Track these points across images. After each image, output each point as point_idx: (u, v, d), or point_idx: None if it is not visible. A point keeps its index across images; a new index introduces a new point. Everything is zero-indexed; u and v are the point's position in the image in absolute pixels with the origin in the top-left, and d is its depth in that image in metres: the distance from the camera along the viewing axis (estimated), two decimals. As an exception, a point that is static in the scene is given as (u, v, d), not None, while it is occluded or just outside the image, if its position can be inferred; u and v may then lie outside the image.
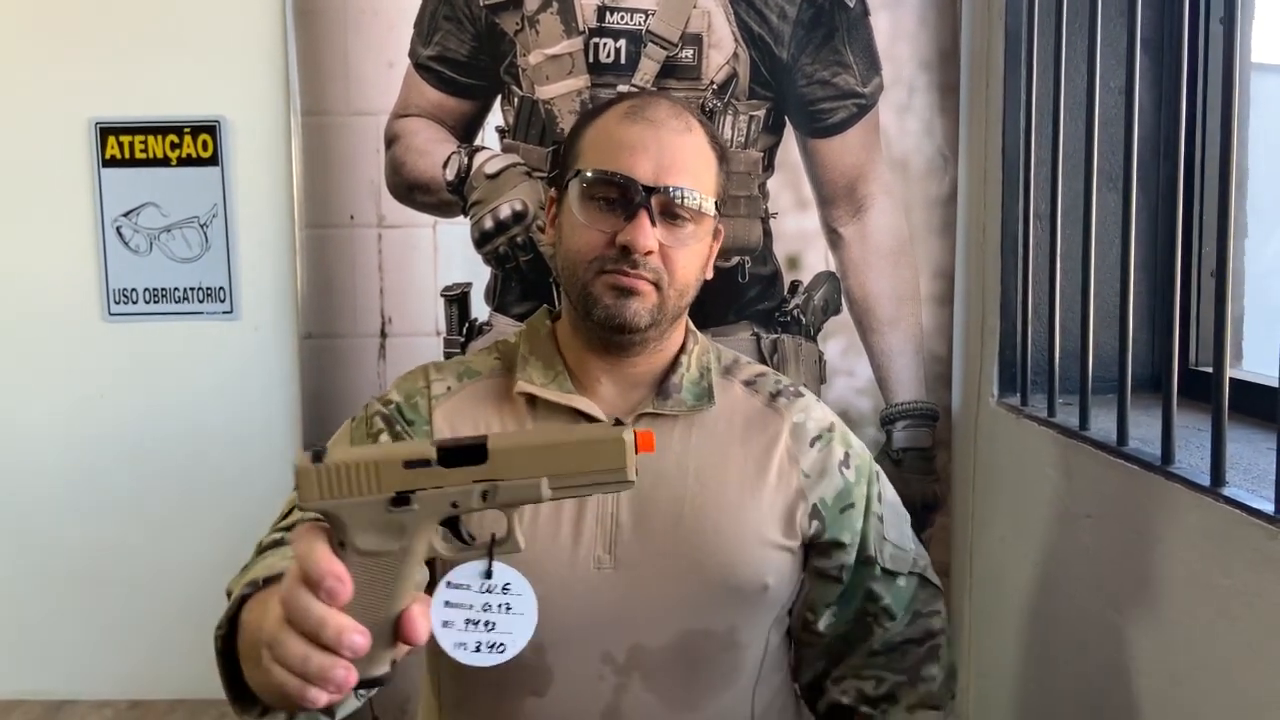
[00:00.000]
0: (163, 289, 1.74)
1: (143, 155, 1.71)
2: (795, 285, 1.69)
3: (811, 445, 1.04)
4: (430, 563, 0.84)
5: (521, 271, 1.69)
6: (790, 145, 1.67)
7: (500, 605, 0.66)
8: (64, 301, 1.76)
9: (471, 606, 0.66)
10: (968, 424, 1.68)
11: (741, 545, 0.97)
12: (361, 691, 0.80)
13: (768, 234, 1.68)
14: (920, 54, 1.66)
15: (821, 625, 1.06)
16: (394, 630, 0.63)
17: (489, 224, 1.67)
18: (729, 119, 1.65)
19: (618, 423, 0.64)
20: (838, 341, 1.70)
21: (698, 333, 1.07)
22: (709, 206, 0.96)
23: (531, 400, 0.99)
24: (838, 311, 1.69)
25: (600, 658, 0.95)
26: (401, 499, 0.62)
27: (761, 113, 1.66)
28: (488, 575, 0.66)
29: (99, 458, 1.78)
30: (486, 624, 0.66)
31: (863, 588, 1.05)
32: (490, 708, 0.98)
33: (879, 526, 1.05)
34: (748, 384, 1.07)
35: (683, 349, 1.05)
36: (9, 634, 1.81)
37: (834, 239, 1.68)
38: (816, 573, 1.04)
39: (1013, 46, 1.53)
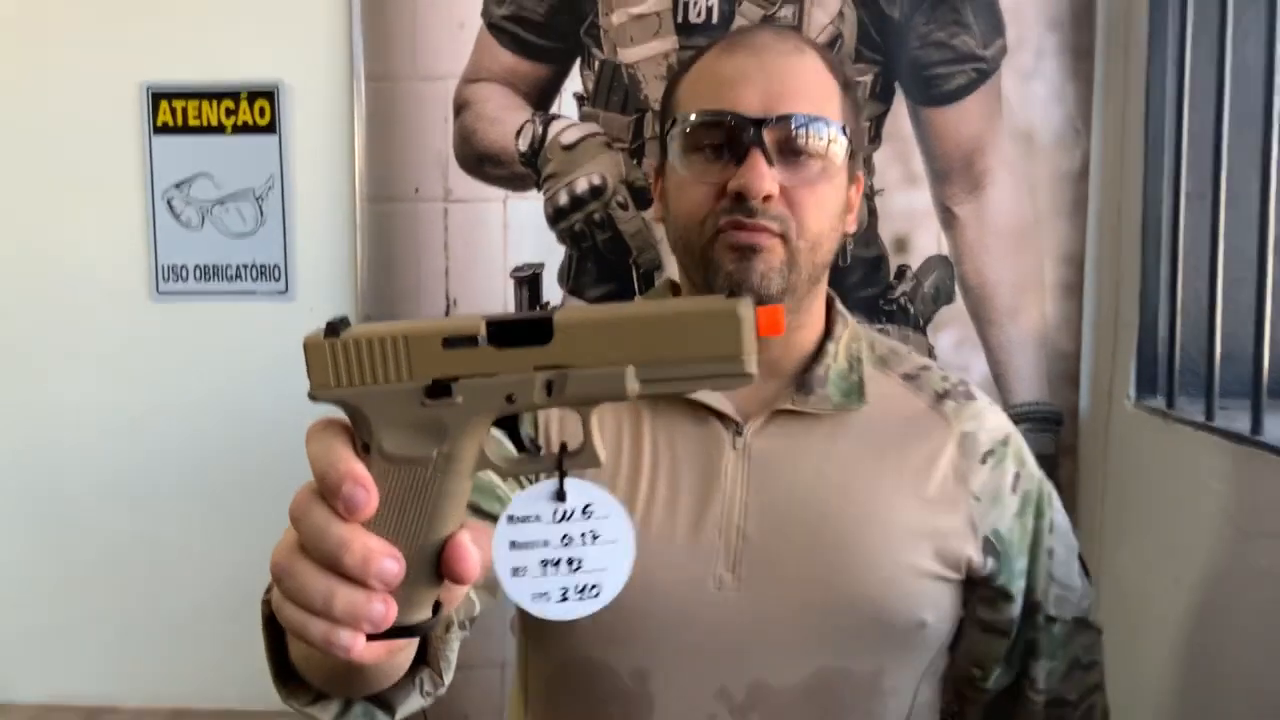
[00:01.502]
0: (214, 266, 1.66)
1: (196, 122, 1.63)
2: (903, 270, 1.55)
3: (983, 462, 0.88)
4: None
5: (599, 251, 1.58)
6: (900, 114, 1.53)
7: (584, 535, 0.51)
8: (110, 278, 1.68)
9: (546, 543, 0.51)
10: (1096, 428, 1.53)
11: (895, 572, 0.83)
12: (426, 690, 0.68)
13: (872, 213, 1.54)
14: (1049, 12, 1.51)
15: (990, 683, 0.92)
16: (435, 563, 0.49)
17: (564, 199, 1.56)
18: (832, 85, 1.50)
19: (732, 293, 0.49)
20: (950, 334, 1.55)
21: (847, 315, 0.93)
22: (835, 135, 0.82)
23: None
24: (950, 300, 1.55)
25: (714, 693, 0.83)
26: (440, 388, 0.48)
27: (869, 78, 1.52)
28: (559, 497, 0.50)
29: (143, 445, 1.70)
30: (570, 562, 0.51)
31: (1023, 640, 0.91)
32: None
33: (1048, 563, 0.90)
34: (909, 378, 0.92)
35: (829, 334, 0.91)
36: (45, 633, 1.74)
37: (947, 219, 1.54)
38: (982, 625, 0.90)
39: (1158, 1, 1.37)
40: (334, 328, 0.48)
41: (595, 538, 0.51)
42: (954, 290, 1.55)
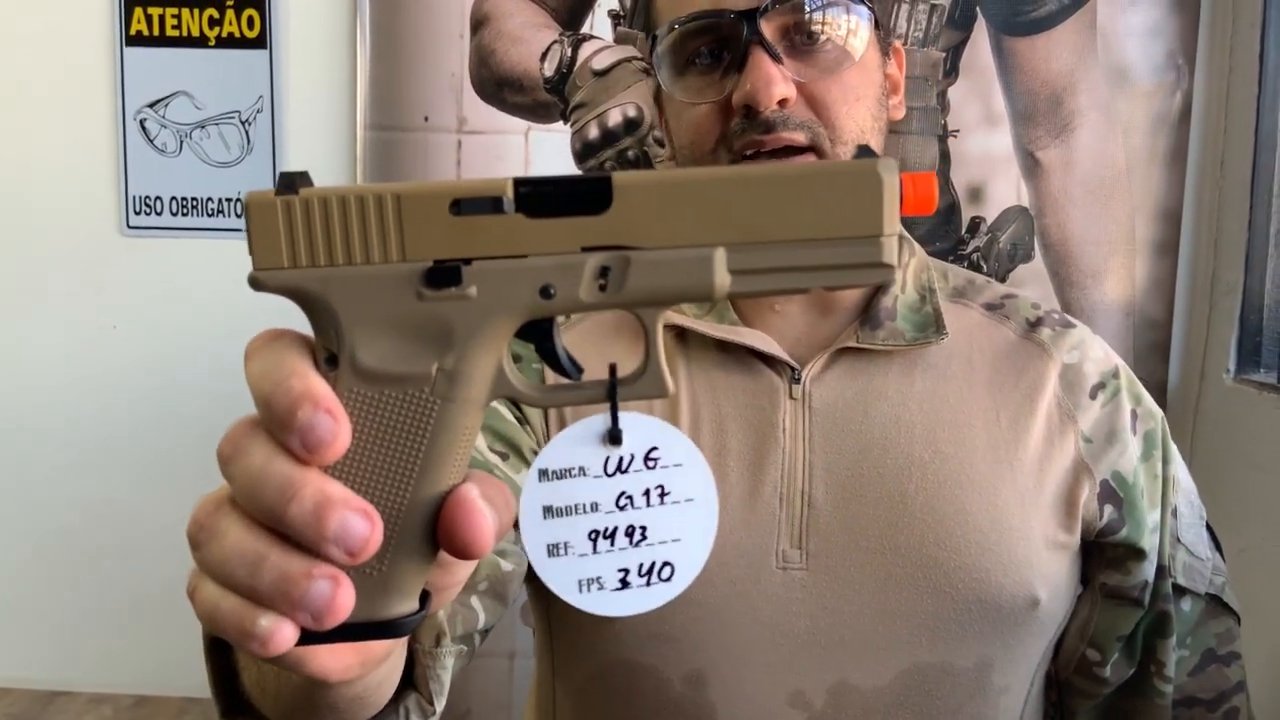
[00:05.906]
0: (193, 199, 1.56)
1: (175, 33, 1.53)
2: (977, 222, 1.44)
3: (1093, 396, 0.78)
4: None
5: (632, 193, 1.43)
6: (981, 45, 1.41)
7: (649, 492, 0.40)
8: (73, 211, 1.58)
9: (595, 506, 0.40)
10: (1186, 405, 1.44)
11: (1000, 540, 0.73)
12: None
13: (945, 156, 1.43)
14: (1152, -67, 1.40)
15: (1109, 671, 0.80)
16: (429, 530, 0.37)
17: (594, 132, 1.47)
18: (903, 9, 1.39)
19: (863, 153, 0.37)
20: (1028, 295, 1.41)
21: (913, 242, 0.82)
22: (850, 7, 0.71)
23: (681, 335, 0.77)
24: (1029, 258, 1.43)
25: (788, 698, 0.73)
26: (445, 274, 0.37)
27: (946, 2, 1.40)
28: (612, 440, 0.40)
29: (109, 402, 1.62)
30: (630, 532, 0.40)
31: (1154, 613, 0.79)
32: None
33: (1173, 523, 0.80)
34: (992, 308, 0.81)
35: None
36: (-6, 608, 1.67)
37: (1030, 165, 1.42)
38: (1106, 592, 0.79)
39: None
40: (289, 181, 0.37)
41: (664, 495, 0.40)
42: (1033, 246, 1.44)
